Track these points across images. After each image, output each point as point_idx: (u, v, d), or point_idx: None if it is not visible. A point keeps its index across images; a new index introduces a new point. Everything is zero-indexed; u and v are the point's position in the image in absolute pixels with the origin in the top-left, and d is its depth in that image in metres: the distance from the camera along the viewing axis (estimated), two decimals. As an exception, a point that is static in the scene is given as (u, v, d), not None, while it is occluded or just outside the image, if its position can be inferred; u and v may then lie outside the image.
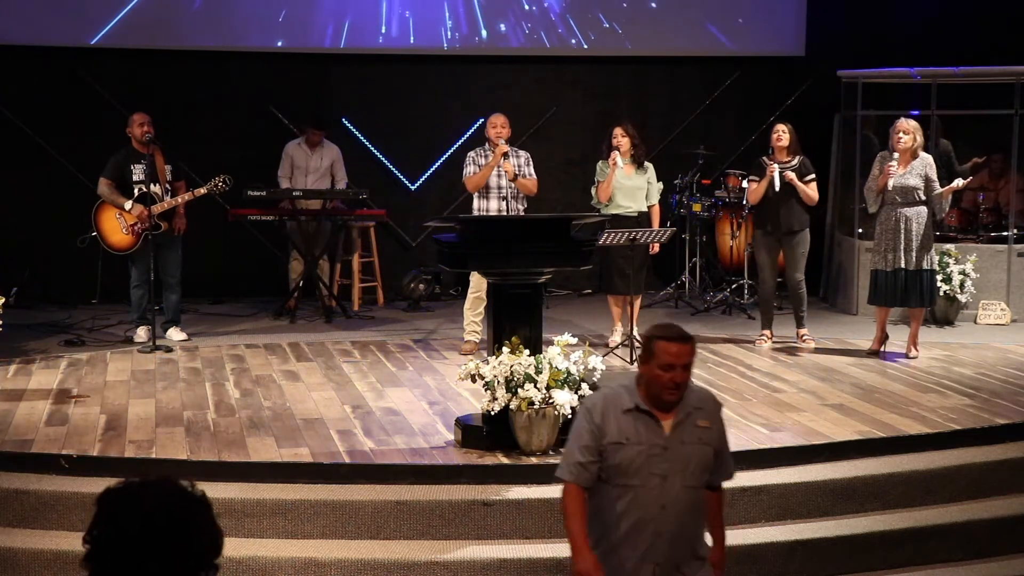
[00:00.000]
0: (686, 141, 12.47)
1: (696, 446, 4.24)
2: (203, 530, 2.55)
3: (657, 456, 4.18)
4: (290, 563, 5.69)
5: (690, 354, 4.21)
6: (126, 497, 2.54)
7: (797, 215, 9.62)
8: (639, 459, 4.18)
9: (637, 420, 4.22)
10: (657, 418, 4.22)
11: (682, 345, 4.18)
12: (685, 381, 4.21)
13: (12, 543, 5.84)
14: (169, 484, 2.57)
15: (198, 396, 7.91)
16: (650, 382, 4.20)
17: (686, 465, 4.21)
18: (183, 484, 2.58)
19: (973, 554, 6.32)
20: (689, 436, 4.23)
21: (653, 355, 4.19)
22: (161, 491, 2.55)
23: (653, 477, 4.19)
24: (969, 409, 7.62)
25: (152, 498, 2.54)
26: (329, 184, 11.37)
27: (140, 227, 9.54)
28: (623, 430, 4.21)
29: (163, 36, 11.73)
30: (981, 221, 11.51)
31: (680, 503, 4.21)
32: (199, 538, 2.54)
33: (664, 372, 4.15)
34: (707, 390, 4.54)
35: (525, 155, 9.60)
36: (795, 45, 12.80)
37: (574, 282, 12.49)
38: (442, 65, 12.42)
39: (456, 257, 6.90)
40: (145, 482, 2.57)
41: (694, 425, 4.25)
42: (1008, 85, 11.15)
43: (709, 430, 4.29)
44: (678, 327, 4.33)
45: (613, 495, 4.24)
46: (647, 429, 4.20)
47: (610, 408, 4.25)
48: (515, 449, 6.47)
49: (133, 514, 2.51)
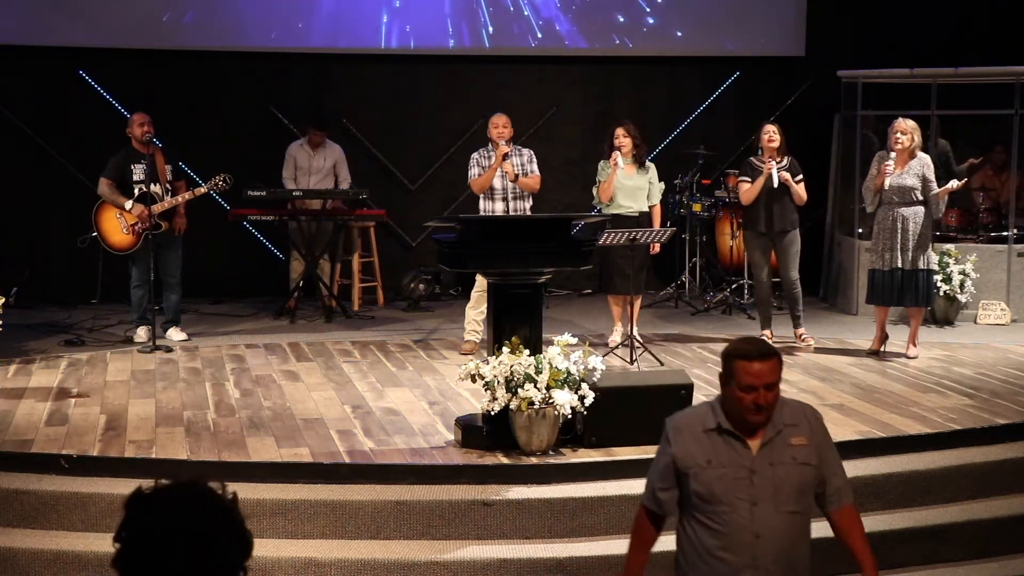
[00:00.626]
0: (686, 141, 12.47)
1: (789, 467, 3.87)
2: (231, 534, 2.54)
3: (743, 480, 3.83)
4: (290, 563, 5.69)
5: (774, 372, 3.84)
6: (154, 500, 2.54)
7: (789, 215, 9.62)
8: (723, 484, 3.83)
9: (720, 441, 3.87)
10: (743, 439, 3.87)
11: (764, 363, 3.82)
12: (771, 402, 3.84)
13: (12, 543, 5.83)
14: (199, 487, 2.56)
15: (198, 396, 7.91)
16: (731, 405, 3.86)
17: (778, 489, 3.84)
18: (213, 486, 2.57)
19: (973, 554, 6.32)
20: (780, 457, 3.86)
21: (732, 375, 3.84)
22: (190, 494, 2.54)
23: (741, 503, 3.83)
24: (969, 409, 7.62)
25: (180, 502, 2.53)
26: (333, 184, 11.37)
27: (140, 227, 9.55)
28: (705, 452, 3.87)
29: (163, 36, 11.73)
30: (981, 221, 11.51)
31: (776, 531, 3.83)
32: (227, 542, 2.52)
33: (746, 394, 3.80)
34: (804, 404, 4.13)
35: (528, 152, 9.59)
36: (795, 45, 12.80)
37: (574, 282, 12.49)
38: (442, 65, 12.41)
39: (456, 257, 6.90)
40: (175, 485, 2.56)
41: (786, 444, 3.88)
42: (1008, 85, 11.15)
43: (806, 448, 3.90)
44: (760, 341, 4.02)
45: (699, 525, 3.90)
46: (731, 451, 3.86)
47: (690, 428, 3.92)
48: (515, 449, 6.47)
49: (160, 518, 2.50)
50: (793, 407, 4.00)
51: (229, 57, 11.95)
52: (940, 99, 11.21)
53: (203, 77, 11.95)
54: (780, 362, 3.90)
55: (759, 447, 3.86)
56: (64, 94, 11.67)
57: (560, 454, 6.50)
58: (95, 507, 6.01)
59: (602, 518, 6.10)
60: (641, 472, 6.36)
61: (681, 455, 3.89)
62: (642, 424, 6.63)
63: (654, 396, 6.69)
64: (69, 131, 11.63)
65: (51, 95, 11.67)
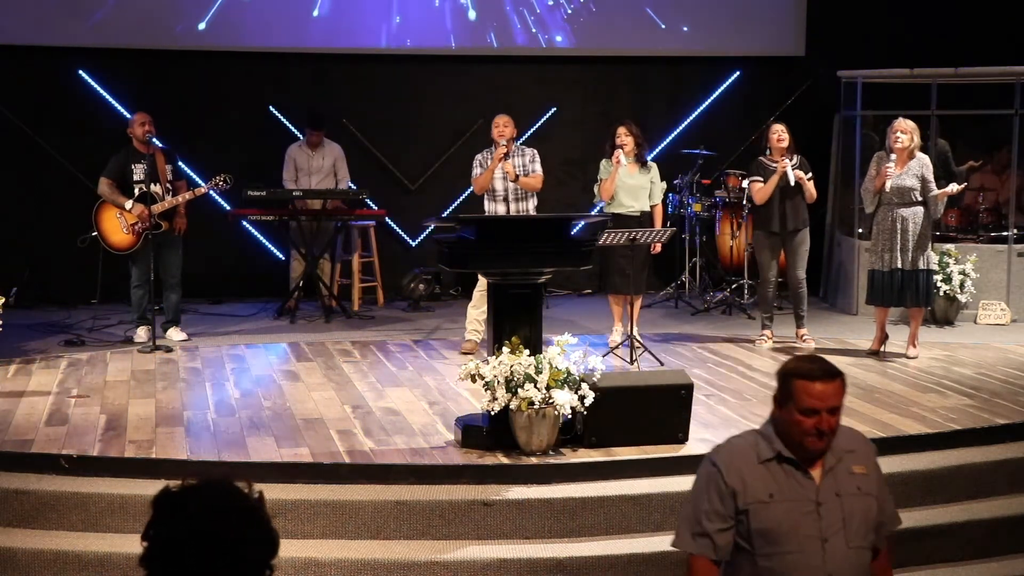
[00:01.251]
0: (686, 141, 12.47)
1: (856, 498, 3.53)
2: (258, 534, 2.55)
3: (811, 514, 3.48)
4: (290, 563, 5.69)
5: (838, 394, 3.49)
6: (182, 500, 2.54)
7: (801, 213, 9.63)
8: (790, 520, 3.46)
9: (780, 472, 3.51)
10: (804, 468, 3.52)
11: (827, 384, 3.47)
12: (834, 428, 3.49)
13: (12, 543, 5.83)
14: (226, 486, 2.57)
15: (198, 396, 7.91)
16: (789, 429, 3.49)
17: (847, 522, 3.50)
18: (239, 486, 2.58)
19: (973, 554, 6.32)
20: (845, 486, 3.53)
21: (791, 397, 3.48)
22: (217, 494, 2.55)
23: (811, 540, 3.46)
24: (969, 409, 7.62)
25: (207, 501, 2.53)
26: (333, 184, 11.37)
27: (140, 227, 9.55)
28: (765, 485, 3.49)
29: (163, 36, 11.73)
30: (981, 221, 11.51)
31: (849, 570, 3.50)
32: (253, 542, 2.54)
33: (806, 418, 3.45)
34: (854, 430, 3.77)
35: (531, 152, 9.59)
36: (795, 45, 12.80)
37: (574, 282, 12.49)
38: (442, 65, 12.42)
39: (456, 257, 6.90)
40: (202, 484, 2.56)
41: (848, 472, 3.55)
42: (1008, 85, 11.15)
43: (867, 477, 3.58)
44: (822, 360, 3.60)
45: (762, 568, 3.49)
46: (794, 482, 3.50)
47: (743, 459, 3.54)
48: (515, 449, 6.47)
49: (188, 518, 2.51)
50: (846, 432, 3.63)
51: (229, 57, 11.94)
52: (940, 99, 11.21)
53: (203, 77, 11.95)
54: (844, 383, 3.54)
55: (821, 476, 3.52)
56: (64, 94, 11.67)
57: (560, 454, 6.50)
58: (95, 507, 6.01)
59: (602, 518, 6.10)
60: (641, 472, 6.41)
61: (740, 490, 3.49)
62: (642, 424, 6.64)
63: (654, 396, 6.70)
64: (69, 131, 11.62)
65: (51, 95, 11.67)
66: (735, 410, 7.54)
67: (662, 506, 6.16)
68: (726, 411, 7.53)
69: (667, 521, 6.12)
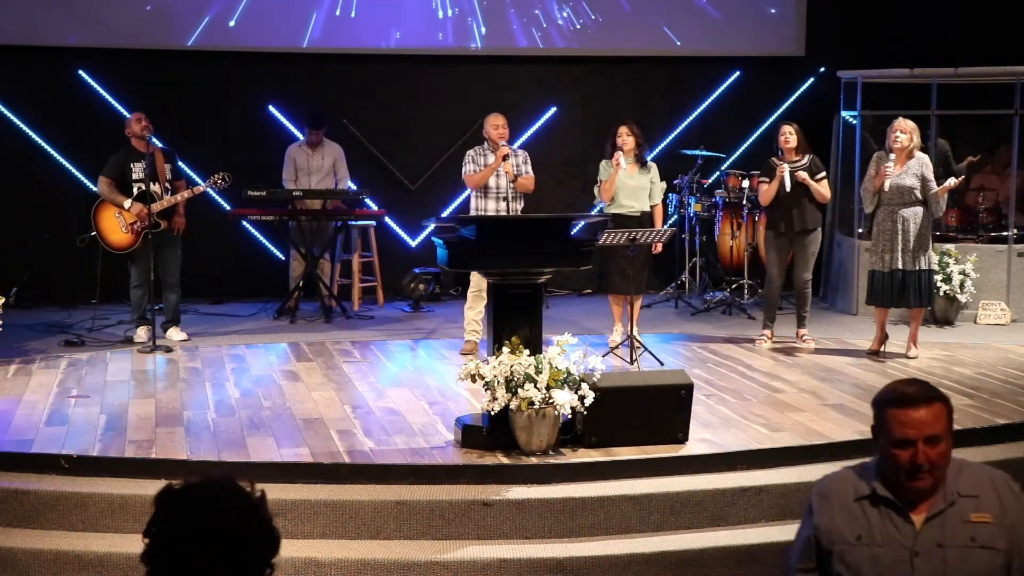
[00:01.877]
0: (686, 141, 12.47)
1: (965, 551, 3.05)
2: (258, 532, 2.56)
3: (902, 564, 3.07)
4: (290, 563, 5.69)
5: (938, 421, 3.05)
6: (183, 498, 2.55)
7: (811, 214, 9.62)
8: (876, 568, 3.08)
9: (875, 513, 3.11)
10: (904, 511, 3.10)
11: (921, 408, 3.05)
12: (936, 462, 3.05)
13: (12, 543, 5.83)
14: (226, 485, 2.58)
15: (198, 396, 7.91)
16: (886, 464, 3.10)
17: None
18: (241, 484, 2.59)
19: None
20: (954, 536, 3.06)
21: (884, 427, 3.09)
22: (217, 493, 2.56)
23: None
24: (969, 409, 7.61)
25: (209, 500, 2.54)
26: (332, 184, 11.38)
27: (140, 225, 9.55)
28: (855, 526, 3.12)
29: (163, 36, 11.73)
30: (981, 221, 11.51)
31: None
32: (254, 540, 2.55)
33: (901, 450, 3.04)
34: (994, 470, 3.25)
35: (524, 153, 9.61)
36: (795, 45, 12.80)
37: (574, 282, 12.50)
38: (442, 65, 12.42)
39: (456, 257, 6.89)
40: (204, 482, 2.57)
41: (962, 520, 3.07)
42: (1008, 85, 11.15)
43: (990, 528, 3.07)
44: (919, 383, 3.18)
45: None
46: (888, 526, 3.10)
47: (840, 495, 3.17)
48: (515, 449, 6.46)
49: (189, 516, 2.52)
50: (976, 472, 3.17)
51: (229, 57, 11.95)
52: (940, 99, 11.21)
53: (203, 77, 11.95)
54: (947, 408, 3.11)
55: (924, 522, 3.09)
56: (64, 94, 11.67)
57: (560, 454, 6.50)
58: (95, 507, 6.01)
59: (602, 518, 6.10)
60: (641, 472, 6.41)
61: (825, 527, 3.15)
62: (642, 424, 6.64)
63: (654, 396, 6.69)
64: (69, 131, 11.62)
65: (51, 95, 11.67)
66: (735, 410, 7.54)
67: (662, 506, 6.16)
68: (726, 411, 7.53)
69: (667, 521, 6.13)
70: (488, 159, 9.41)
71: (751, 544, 6.01)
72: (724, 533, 6.12)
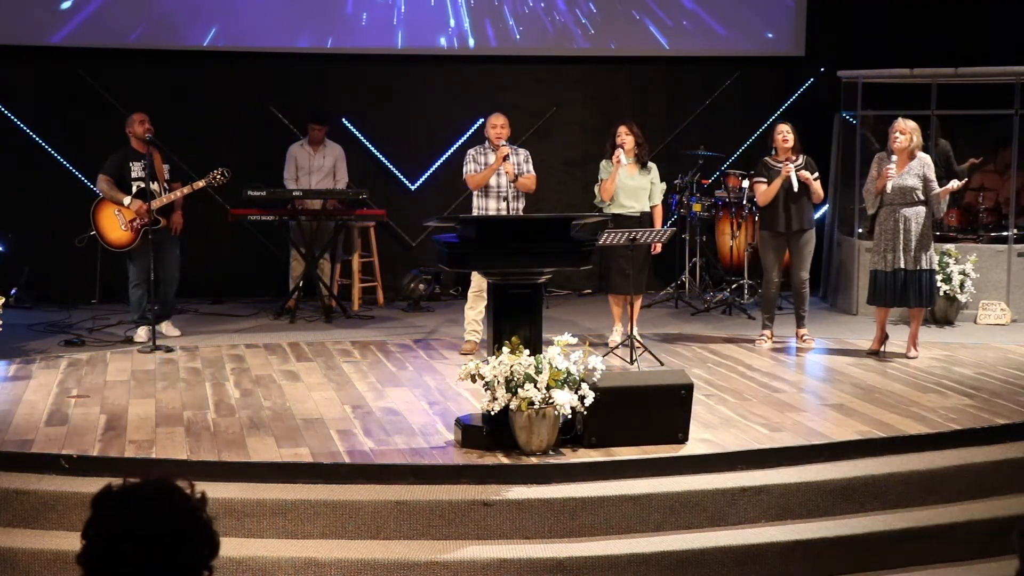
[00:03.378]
0: (686, 141, 12.47)
1: None
2: (197, 534, 2.53)
3: None
4: (290, 563, 5.69)
5: None
6: (120, 499, 2.53)
7: (807, 214, 9.64)
8: None
9: None
10: None
11: None
12: None
13: (12, 543, 5.83)
14: (165, 486, 2.55)
15: (198, 396, 7.91)
16: None
17: None
18: (180, 485, 2.56)
19: (973, 554, 6.32)
20: None
21: None
22: (156, 494, 2.53)
23: None
24: (969, 409, 7.61)
25: (146, 501, 2.52)
26: (332, 184, 11.37)
27: (139, 223, 9.55)
28: None
29: (163, 36, 11.73)
30: (981, 221, 11.51)
31: None
32: (193, 542, 2.52)
33: None
34: None
35: (525, 153, 9.61)
36: (795, 45, 12.80)
37: (574, 282, 12.50)
38: (442, 65, 12.42)
39: (456, 257, 6.90)
40: (143, 483, 2.55)
41: None
42: (1008, 85, 11.15)
43: None
44: None
45: None
46: None
47: None
48: (515, 449, 6.46)
49: (125, 517, 2.50)
50: None
51: (229, 57, 11.94)
52: (940, 99, 11.21)
53: (203, 77, 11.95)
54: None
55: None
56: (64, 94, 11.67)
57: (560, 454, 6.50)
58: (95, 507, 6.00)
59: (602, 518, 6.10)
60: (641, 472, 6.40)
61: None
62: (642, 424, 6.64)
63: (654, 396, 6.69)
64: (69, 131, 11.63)
65: (51, 95, 11.67)
66: (735, 410, 7.54)
67: (662, 506, 6.16)
68: (726, 411, 7.53)
69: (667, 521, 6.13)
70: (489, 158, 9.41)
71: (751, 544, 6.01)
72: (724, 533, 6.11)
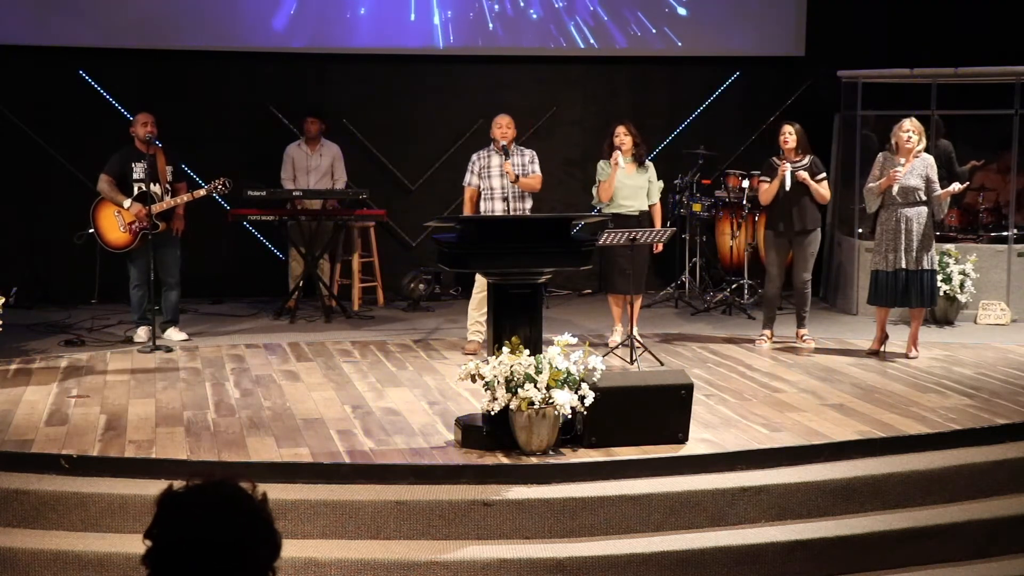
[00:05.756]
0: (686, 141, 12.47)
1: None
2: (260, 535, 2.55)
3: None
4: (290, 563, 5.69)
5: None
6: (185, 500, 2.55)
7: (810, 214, 9.62)
8: None
9: None
10: None
11: None
12: None
13: (12, 543, 5.83)
14: (229, 487, 2.56)
15: (198, 396, 7.91)
16: None
17: None
18: (244, 487, 2.57)
19: (973, 554, 6.32)
20: None
21: None
22: (220, 496, 2.55)
23: None
24: (969, 409, 7.61)
25: (211, 502, 2.54)
26: (330, 183, 11.38)
27: (138, 226, 9.55)
28: None
29: (163, 36, 11.72)
30: (981, 221, 11.51)
31: None
32: (256, 543, 2.53)
33: None
34: None
35: (530, 153, 9.60)
36: (795, 45, 12.80)
37: (574, 282, 12.49)
38: (442, 65, 12.42)
39: (456, 257, 6.90)
40: (206, 485, 2.56)
41: None
42: (1008, 85, 11.14)
43: None
44: None
45: None
46: None
47: None
48: (515, 449, 6.46)
49: (192, 521, 2.51)
50: None
51: (229, 57, 11.94)
52: (940, 99, 11.20)
53: (203, 77, 11.95)
54: None
55: None
56: (64, 94, 11.67)
57: (560, 454, 6.50)
58: (95, 507, 6.01)
59: (602, 518, 6.10)
60: (641, 472, 6.41)
61: None
62: (642, 424, 6.64)
63: (654, 396, 6.70)
64: (69, 131, 11.62)
65: (51, 95, 11.67)
66: (735, 410, 7.54)
67: (662, 506, 6.16)
68: (726, 411, 7.53)
69: (667, 521, 6.13)
70: (492, 161, 9.42)
71: (751, 544, 6.02)
72: (724, 533, 6.12)
